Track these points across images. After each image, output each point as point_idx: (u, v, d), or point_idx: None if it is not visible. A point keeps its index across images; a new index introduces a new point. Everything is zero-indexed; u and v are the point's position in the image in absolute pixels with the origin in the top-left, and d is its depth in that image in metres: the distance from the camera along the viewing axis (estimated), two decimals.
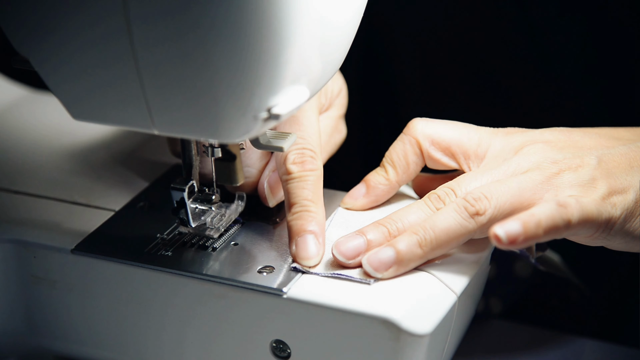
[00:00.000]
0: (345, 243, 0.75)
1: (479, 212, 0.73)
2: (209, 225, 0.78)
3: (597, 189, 0.74)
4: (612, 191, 0.75)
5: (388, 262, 0.73)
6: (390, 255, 0.73)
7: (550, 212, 0.71)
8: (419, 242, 0.73)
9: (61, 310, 0.80)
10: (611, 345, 0.89)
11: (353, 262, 0.75)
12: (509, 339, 0.90)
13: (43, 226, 0.81)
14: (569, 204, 0.72)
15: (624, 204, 0.75)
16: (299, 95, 0.70)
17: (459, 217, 0.73)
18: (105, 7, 0.65)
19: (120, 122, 0.71)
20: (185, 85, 0.66)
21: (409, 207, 0.76)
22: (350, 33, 0.74)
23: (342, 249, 0.75)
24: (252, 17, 0.64)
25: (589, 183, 0.75)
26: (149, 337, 0.79)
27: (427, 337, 0.71)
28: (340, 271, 0.74)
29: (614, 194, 0.75)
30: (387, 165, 0.81)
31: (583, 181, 0.75)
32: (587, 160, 0.76)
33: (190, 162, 0.77)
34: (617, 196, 0.75)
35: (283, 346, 0.75)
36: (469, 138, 0.80)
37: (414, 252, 0.73)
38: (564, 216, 0.71)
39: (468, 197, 0.73)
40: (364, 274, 0.74)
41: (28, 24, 0.68)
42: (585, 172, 0.75)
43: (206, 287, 0.75)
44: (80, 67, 0.68)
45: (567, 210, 0.71)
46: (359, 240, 0.75)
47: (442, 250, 0.74)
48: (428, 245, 0.73)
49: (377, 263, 0.73)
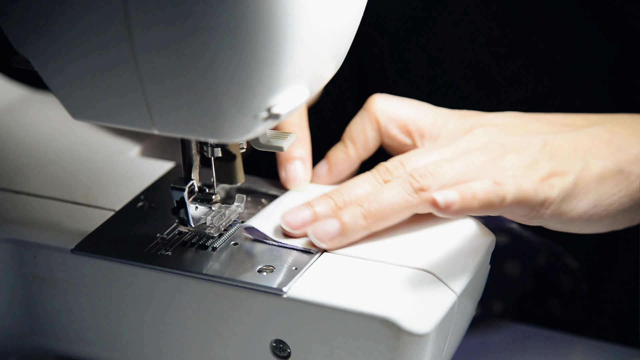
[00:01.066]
0: (293, 214, 0.78)
1: (423, 188, 0.76)
2: (208, 224, 0.78)
3: (538, 170, 0.77)
4: (552, 173, 0.77)
5: (332, 233, 0.76)
6: (334, 226, 0.76)
7: (486, 187, 0.74)
8: (363, 214, 0.76)
9: (61, 310, 0.80)
10: (611, 345, 0.89)
11: (299, 232, 0.77)
12: (509, 339, 0.90)
13: (43, 226, 0.81)
14: (505, 183, 0.75)
15: (562, 186, 0.77)
16: (299, 95, 0.70)
17: (403, 191, 0.76)
18: (106, 9, 0.65)
19: (120, 122, 0.71)
20: (185, 85, 0.66)
21: (357, 179, 0.79)
22: (351, 33, 0.75)
23: (288, 218, 0.78)
24: (252, 17, 0.64)
25: (531, 165, 0.78)
26: (149, 337, 0.79)
27: (427, 336, 0.71)
28: (286, 241, 0.77)
29: (554, 176, 0.77)
30: (347, 140, 0.85)
31: (525, 163, 0.78)
32: (532, 143, 0.79)
33: (190, 162, 0.77)
34: (557, 178, 0.77)
35: (283, 346, 0.75)
36: (425, 117, 0.84)
37: (358, 224, 0.76)
38: (499, 193, 0.74)
39: (414, 173, 0.76)
40: (310, 244, 0.77)
41: (29, 25, 0.68)
42: (528, 154, 0.78)
43: (206, 286, 0.75)
44: (80, 67, 0.68)
45: (502, 188, 0.74)
46: (305, 211, 0.78)
47: (387, 223, 0.76)
48: (372, 217, 0.76)
49: (322, 233, 0.76)
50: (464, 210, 0.73)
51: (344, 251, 0.77)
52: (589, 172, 0.78)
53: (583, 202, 0.78)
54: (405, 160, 0.80)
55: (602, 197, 0.79)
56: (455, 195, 0.72)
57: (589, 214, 0.79)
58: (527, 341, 0.89)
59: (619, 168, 0.80)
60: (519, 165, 0.78)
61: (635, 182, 0.80)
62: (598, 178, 0.79)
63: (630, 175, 0.80)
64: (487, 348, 0.88)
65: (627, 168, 0.80)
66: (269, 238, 0.78)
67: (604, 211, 0.79)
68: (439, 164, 0.77)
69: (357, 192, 0.79)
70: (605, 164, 0.79)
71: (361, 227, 0.76)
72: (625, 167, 0.80)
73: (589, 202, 0.78)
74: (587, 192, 0.78)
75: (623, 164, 0.80)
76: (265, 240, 0.78)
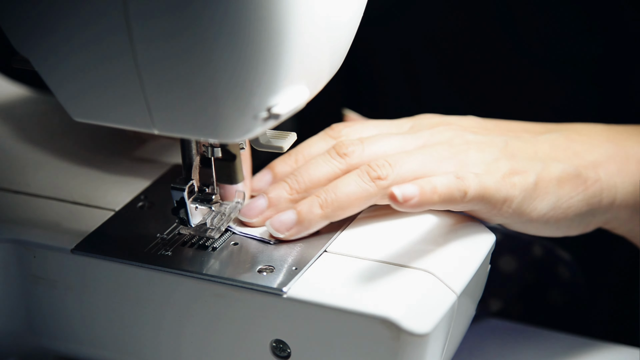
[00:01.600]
0: (248, 204, 0.79)
1: (380, 177, 0.76)
2: (209, 226, 0.78)
3: (499, 168, 0.78)
4: (513, 171, 0.78)
5: (289, 223, 0.77)
6: (291, 216, 0.77)
7: (448, 182, 0.74)
8: (320, 204, 0.76)
9: (61, 310, 0.80)
10: (611, 345, 0.89)
11: (256, 220, 0.79)
12: (509, 339, 0.90)
13: (43, 226, 0.81)
14: (467, 177, 0.75)
15: (523, 184, 0.78)
16: (299, 95, 0.70)
17: (360, 180, 0.76)
18: (105, 6, 0.65)
19: (120, 121, 0.71)
20: (185, 85, 0.66)
21: (314, 161, 0.79)
22: (351, 32, 0.75)
23: (244, 210, 0.79)
24: (252, 16, 0.64)
25: (492, 162, 0.78)
26: (149, 337, 0.79)
27: (427, 336, 0.71)
28: (246, 230, 0.78)
29: (515, 174, 0.78)
30: (299, 156, 0.83)
31: (487, 160, 0.78)
32: (495, 142, 0.80)
33: (190, 162, 0.77)
34: (518, 176, 0.78)
35: (283, 346, 0.75)
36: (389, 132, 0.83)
37: (315, 213, 0.76)
38: (460, 187, 0.74)
39: (372, 164, 0.77)
40: (268, 235, 0.78)
41: (27, 24, 0.68)
42: (490, 152, 0.79)
43: (206, 286, 0.75)
44: (80, 66, 0.68)
45: (464, 183, 0.75)
46: (260, 200, 0.79)
47: (345, 212, 0.77)
48: (329, 207, 0.76)
49: (279, 224, 0.77)
50: (423, 204, 0.73)
51: (344, 251, 0.77)
52: (548, 174, 0.79)
53: (543, 203, 0.79)
54: (366, 142, 0.80)
55: (561, 199, 0.80)
56: (414, 190, 0.73)
57: (547, 216, 0.79)
58: (527, 341, 0.89)
59: (577, 172, 0.81)
60: (480, 163, 0.78)
61: (592, 187, 0.81)
62: (557, 180, 0.80)
63: (587, 180, 0.81)
64: (487, 348, 0.88)
65: (585, 173, 0.81)
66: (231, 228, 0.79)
67: (562, 214, 0.80)
68: (399, 155, 0.78)
69: (313, 174, 0.79)
70: (564, 167, 0.80)
71: (318, 216, 0.77)
72: (582, 172, 0.81)
73: (548, 203, 0.79)
74: (547, 193, 0.79)
75: (580, 169, 0.81)
76: (230, 229, 0.79)
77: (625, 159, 0.83)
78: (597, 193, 0.81)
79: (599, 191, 0.81)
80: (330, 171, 0.79)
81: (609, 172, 0.82)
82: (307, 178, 0.79)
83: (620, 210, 0.83)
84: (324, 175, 0.79)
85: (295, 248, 0.77)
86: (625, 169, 0.83)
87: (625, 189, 0.83)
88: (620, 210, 0.83)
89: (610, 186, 0.82)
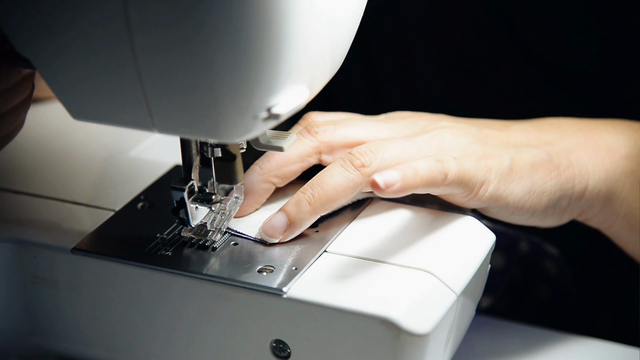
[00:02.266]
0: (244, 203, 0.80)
1: (364, 165, 0.77)
2: (210, 229, 0.78)
3: (475, 152, 0.79)
4: (487, 154, 0.79)
5: (281, 227, 0.77)
6: (281, 219, 0.77)
7: (429, 164, 0.75)
8: (307, 200, 0.77)
9: (61, 310, 0.80)
10: (611, 344, 0.89)
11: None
12: (508, 339, 0.90)
13: (43, 226, 0.81)
14: (447, 160, 0.76)
15: (498, 168, 0.79)
16: (299, 95, 0.70)
17: (344, 170, 0.77)
18: (106, 8, 0.65)
19: (120, 122, 0.71)
20: (185, 85, 0.66)
21: (292, 147, 0.80)
22: (351, 32, 0.75)
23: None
24: (252, 16, 0.64)
25: (467, 146, 0.80)
26: (149, 337, 0.79)
27: (427, 336, 0.71)
28: (243, 230, 0.79)
29: (489, 158, 0.79)
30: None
31: (462, 144, 0.80)
32: (468, 129, 0.82)
33: (190, 162, 0.77)
34: (492, 159, 0.79)
35: (283, 346, 0.75)
36: (377, 136, 0.83)
37: (304, 211, 0.77)
38: (441, 170, 0.75)
39: (354, 151, 0.78)
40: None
41: (29, 25, 0.68)
42: (464, 137, 0.81)
43: (206, 287, 0.75)
44: (80, 67, 0.68)
45: (444, 166, 0.76)
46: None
47: (334, 204, 0.77)
48: (317, 202, 0.77)
49: (271, 230, 0.77)
50: (406, 189, 0.74)
51: (344, 251, 0.77)
52: (522, 159, 0.80)
53: (518, 187, 0.80)
54: (338, 123, 0.81)
55: (535, 184, 0.81)
56: (396, 175, 0.73)
57: (522, 201, 0.80)
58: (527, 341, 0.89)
59: (549, 158, 0.82)
60: (457, 147, 0.80)
61: (564, 173, 0.82)
62: (531, 165, 0.81)
63: (559, 166, 0.82)
64: (487, 348, 0.88)
65: (557, 159, 0.82)
66: (229, 229, 0.79)
67: (537, 199, 0.81)
68: (379, 142, 0.78)
69: (283, 154, 0.80)
70: (536, 152, 0.81)
71: (308, 213, 0.77)
72: (554, 157, 0.82)
73: (523, 188, 0.80)
74: (522, 177, 0.80)
75: (553, 155, 0.82)
76: (229, 231, 0.79)
77: (595, 147, 0.85)
78: (569, 178, 0.82)
79: (572, 177, 0.82)
80: (300, 149, 0.80)
81: (580, 159, 0.83)
82: (278, 157, 0.80)
83: (592, 199, 0.84)
84: (294, 153, 0.80)
85: (295, 248, 0.77)
86: (595, 156, 0.84)
87: (596, 175, 0.84)
88: (592, 199, 0.84)
89: (582, 172, 0.83)
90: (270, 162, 0.80)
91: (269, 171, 0.80)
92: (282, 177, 0.80)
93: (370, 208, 0.81)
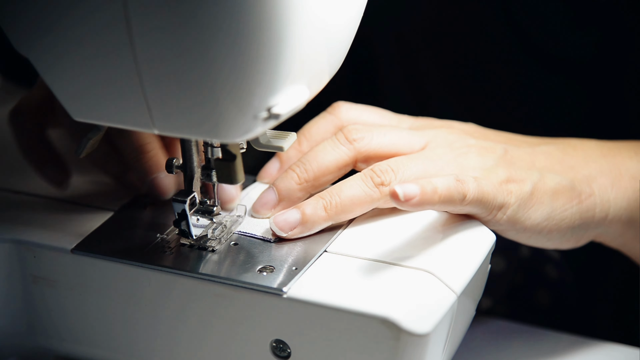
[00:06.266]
0: (259, 199, 0.81)
1: (383, 183, 0.78)
2: (210, 237, 0.78)
3: (497, 174, 0.79)
4: (510, 179, 0.79)
5: (293, 223, 0.78)
6: (295, 216, 0.78)
7: (448, 183, 0.75)
8: (324, 206, 0.78)
9: (61, 310, 0.80)
10: (611, 345, 0.89)
11: (269, 216, 0.80)
12: (509, 339, 0.90)
13: (43, 226, 0.81)
14: (467, 181, 0.76)
15: (519, 193, 0.79)
16: (299, 95, 0.70)
17: (364, 185, 0.78)
18: (105, 7, 0.65)
19: (120, 121, 0.71)
20: (185, 85, 0.66)
21: (322, 147, 0.81)
22: (351, 32, 0.75)
23: (256, 205, 0.80)
24: (252, 16, 0.64)
25: (491, 168, 0.80)
26: (148, 337, 0.79)
27: (427, 336, 0.71)
28: (245, 229, 0.79)
29: (512, 182, 0.79)
30: (302, 138, 0.85)
31: (486, 166, 0.80)
32: (494, 149, 0.82)
33: (192, 174, 0.77)
34: (514, 184, 0.79)
35: (283, 346, 0.75)
36: (390, 124, 0.85)
37: (319, 215, 0.77)
38: (460, 190, 0.76)
39: (375, 168, 0.78)
40: (270, 234, 0.78)
41: (29, 25, 0.68)
42: (490, 158, 0.81)
43: (206, 286, 0.75)
44: (80, 66, 0.68)
45: (464, 186, 0.76)
46: (270, 194, 0.80)
47: (348, 215, 0.78)
48: (333, 210, 0.78)
49: (283, 222, 0.78)
50: (424, 204, 0.74)
51: (344, 251, 0.77)
52: (544, 185, 0.80)
53: (537, 212, 0.80)
54: (375, 131, 0.81)
55: (555, 210, 0.81)
56: (415, 189, 0.74)
57: (541, 226, 0.80)
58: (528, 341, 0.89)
59: (572, 185, 0.82)
60: (479, 167, 0.80)
61: (585, 202, 0.82)
62: (552, 192, 0.81)
63: (581, 194, 0.82)
64: (487, 348, 0.88)
65: (579, 187, 0.82)
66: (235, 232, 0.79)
67: (555, 225, 0.81)
68: (401, 159, 0.79)
69: (321, 162, 0.80)
70: (559, 179, 0.81)
71: (322, 218, 0.78)
72: (577, 185, 0.82)
73: (542, 213, 0.80)
74: (542, 203, 0.80)
75: (575, 182, 0.82)
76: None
77: (618, 175, 0.85)
78: (590, 207, 0.82)
79: (593, 205, 0.83)
80: (338, 158, 0.80)
81: (602, 187, 0.83)
82: (316, 166, 0.80)
83: (612, 225, 0.84)
84: (332, 163, 0.80)
85: (295, 248, 0.77)
86: (618, 184, 0.84)
87: (618, 204, 0.84)
88: (612, 225, 0.84)
89: (603, 201, 0.83)
90: (308, 173, 0.80)
91: (307, 181, 0.80)
92: (319, 186, 0.81)
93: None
